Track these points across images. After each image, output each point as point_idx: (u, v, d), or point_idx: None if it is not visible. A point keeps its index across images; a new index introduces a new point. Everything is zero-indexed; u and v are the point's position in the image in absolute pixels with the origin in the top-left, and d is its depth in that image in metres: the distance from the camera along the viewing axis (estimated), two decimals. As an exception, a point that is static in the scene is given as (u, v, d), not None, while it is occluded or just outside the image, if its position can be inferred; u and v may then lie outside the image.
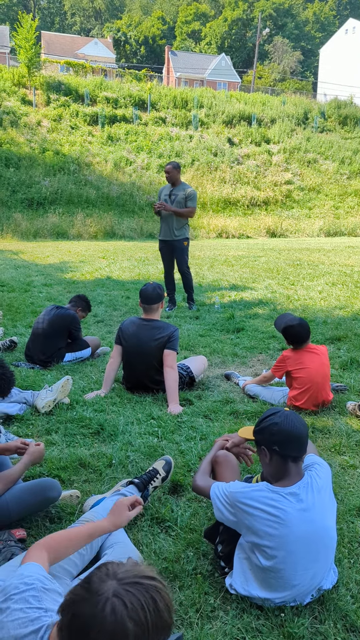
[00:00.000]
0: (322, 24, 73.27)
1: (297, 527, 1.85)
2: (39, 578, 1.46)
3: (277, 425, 1.95)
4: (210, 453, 2.40)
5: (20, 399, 3.67)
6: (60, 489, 2.40)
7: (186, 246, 6.93)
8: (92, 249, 14.99)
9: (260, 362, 4.87)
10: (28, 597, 1.36)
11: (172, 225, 6.74)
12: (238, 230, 21.84)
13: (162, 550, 2.22)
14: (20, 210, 19.61)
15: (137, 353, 3.97)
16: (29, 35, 25.79)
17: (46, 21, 76.13)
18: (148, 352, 3.94)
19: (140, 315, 4.21)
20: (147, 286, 4.08)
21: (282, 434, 1.93)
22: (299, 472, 1.96)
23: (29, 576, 1.43)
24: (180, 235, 6.83)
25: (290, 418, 1.96)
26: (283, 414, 1.98)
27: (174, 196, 6.65)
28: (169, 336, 3.95)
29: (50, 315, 4.68)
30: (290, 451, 1.93)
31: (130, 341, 3.99)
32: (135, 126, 26.80)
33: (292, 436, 1.93)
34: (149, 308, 4.07)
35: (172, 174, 6.61)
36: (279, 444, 1.94)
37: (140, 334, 3.98)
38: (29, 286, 8.53)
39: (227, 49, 65.74)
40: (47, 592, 1.41)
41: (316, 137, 29.73)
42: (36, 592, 1.38)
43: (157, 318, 4.10)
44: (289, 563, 1.85)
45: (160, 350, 3.93)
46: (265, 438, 1.98)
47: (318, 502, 1.90)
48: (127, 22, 68.62)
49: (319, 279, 9.34)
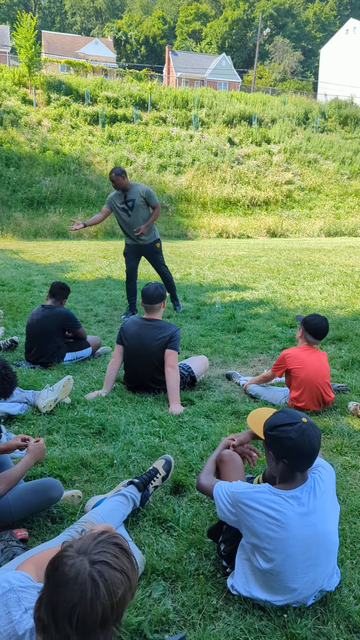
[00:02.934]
0: (323, 24, 73.22)
1: (297, 531, 1.84)
2: (16, 577, 1.46)
3: (292, 442, 1.85)
4: (215, 452, 2.39)
5: (22, 398, 3.66)
6: (62, 489, 2.39)
7: (159, 248, 6.58)
8: (93, 248, 14.98)
9: (261, 362, 4.86)
10: (7, 600, 1.37)
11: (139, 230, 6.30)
12: (238, 230, 21.84)
13: (164, 550, 2.21)
14: (21, 210, 19.60)
15: (139, 353, 3.96)
16: (29, 35, 25.76)
17: (47, 21, 76.09)
18: (150, 351, 3.94)
19: (142, 315, 4.20)
20: (149, 286, 4.07)
21: (294, 451, 1.85)
22: (303, 477, 1.93)
23: (5, 580, 1.44)
24: (151, 238, 6.46)
25: (307, 434, 1.86)
26: (300, 429, 1.86)
27: (130, 202, 6.16)
28: (171, 336, 3.95)
29: (39, 316, 4.59)
30: (299, 466, 1.88)
31: (132, 341, 3.98)
32: (135, 126, 26.79)
33: (305, 454, 1.86)
34: (150, 308, 4.07)
35: (117, 182, 6.04)
36: (289, 458, 1.87)
37: (142, 333, 3.97)
38: (29, 286, 8.52)
39: (228, 49, 65.73)
40: (25, 589, 1.42)
41: (317, 137, 29.72)
42: (14, 593, 1.39)
43: (158, 318, 4.10)
44: (288, 566, 1.84)
45: (162, 350, 3.92)
46: (277, 448, 1.90)
47: (320, 506, 1.89)
48: (128, 22, 68.59)
49: (319, 279, 9.33)
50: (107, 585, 1.12)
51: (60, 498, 2.40)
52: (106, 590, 1.12)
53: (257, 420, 2.29)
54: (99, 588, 1.11)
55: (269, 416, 2.02)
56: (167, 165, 24.93)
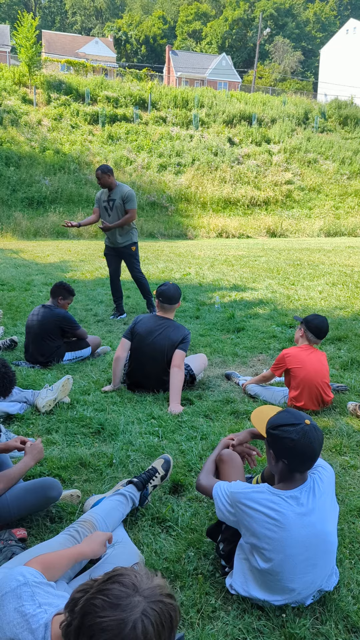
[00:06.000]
0: (323, 24, 73.21)
1: (296, 531, 1.83)
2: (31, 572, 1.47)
3: (293, 442, 1.84)
4: (215, 451, 2.39)
5: (21, 398, 3.66)
6: (61, 489, 2.39)
7: (135, 251, 6.52)
8: (92, 248, 14.97)
9: (260, 362, 4.86)
10: (21, 593, 1.37)
11: (115, 231, 6.33)
12: (238, 230, 21.83)
13: (163, 550, 2.21)
14: (21, 209, 19.60)
15: (149, 349, 3.98)
16: (29, 34, 25.77)
17: (47, 20, 76.05)
18: (160, 349, 3.96)
19: (154, 312, 4.21)
20: (168, 286, 4.08)
21: (295, 451, 1.84)
22: (302, 477, 1.92)
23: (20, 573, 1.44)
24: (126, 240, 6.41)
25: (309, 436, 1.84)
26: (302, 430, 1.84)
27: (111, 201, 6.20)
28: (183, 337, 3.99)
29: (39, 316, 4.60)
30: (299, 467, 1.87)
31: (144, 338, 4.00)
32: (135, 125, 26.78)
33: (305, 456, 1.84)
34: (168, 307, 4.09)
35: (102, 180, 6.11)
36: (289, 459, 1.86)
37: (155, 331, 4.00)
38: (29, 285, 8.52)
39: (228, 49, 65.71)
40: (39, 585, 1.42)
41: (316, 137, 29.72)
42: (28, 587, 1.39)
43: (171, 317, 4.13)
44: (286, 567, 1.84)
45: (172, 349, 3.95)
46: (277, 447, 1.89)
47: (319, 506, 1.88)
48: (128, 22, 68.58)
49: (319, 279, 9.33)
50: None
51: (59, 497, 2.40)
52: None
53: (261, 418, 2.27)
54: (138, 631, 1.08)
55: (273, 415, 2.02)
56: (167, 165, 24.92)
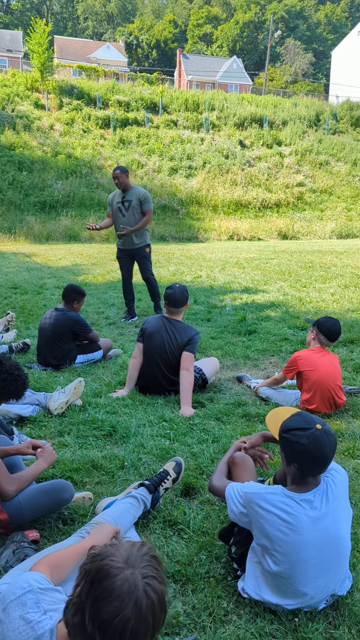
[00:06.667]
0: (334, 25, 72.93)
1: (309, 535, 1.82)
2: (36, 578, 1.47)
3: (303, 447, 1.82)
4: (227, 454, 2.39)
5: (33, 400, 3.69)
6: (73, 491, 2.41)
7: (148, 253, 6.63)
8: (104, 251, 15.04)
9: (272, 365, 4.84)
10: (26, 601, 1.37)
11: (133, 233, 6.41)
12: (249, 232, 21.80)
13: (175, 553, 2.21)
14: (33, 213, 19.76)
15: (157, 351, 3.99)
16: (42, 40, 26.02)
17: (59, 26, 76.73)
18: (168, 350, 3.97)
19: (163, 314, 4.21)
20: (174, 289, 4.05)
21: (305, 456, 1.83)
22: (315, 481, 1.90)
23: (24, 580, 1.45)
24: (141, 242, 6.53)
25: (319, 440, 1.81)
26: (312, 435, 1.82)
27: (127, 202, 6.30)
28: (190, 338, 3.98)
29: (51, 319, 4.63)
30: (310, 472, 1.86)
31: (152, 338, 4.02)
32: (146, 129, 26.88)
33: (316, 460, 1.83)
34: (175, 310, 4.09)
35: (121, 179, 6.22)
36: (299, 463, 1.85)
37: (163, 332, 4.01)
38: (41, 288, 8.58)
39: (239, 52, 65.76)
40: (44, 592, 1.42)
41: (328, 139, 29.59)
42: (33, 594, 1.39)
43: (180, 319, 4.13)
44: (298, 570, 1.83)
45: (180, 350, 3.95)
46: (288, 451, 1.88)
47: (332, 510, 1.87)
48: (139, 26, 68.92)
49: (331, 281, 9.28)
50: (160, 600, 1.17)
51: (71, 500, 2.41)
52: (159, 604, 1.17)
53: (276, 420, 2.25)
54: (154, 603, 1.15)
55: (287, 417, 2.01)
56: (178, 168, 24.97)
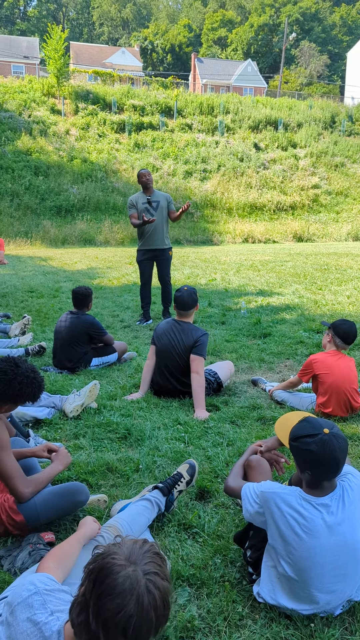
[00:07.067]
0: (350, 27, 72.47)
1: (325, 539, 1.81)
2: (42, 579, 1.48)
3: (312, 454, 1.80)
4: (243, 457, 2.38)
5: (49, 403, 3.72)
6: (88, 493, 2.42)
7: (171, 256, 6.81)
8: (119, 255, 15.11)
9: (287, 368, 4.81)
10: (32, 602, 1.38)
11: (163, 233, 6.56)
12: (264, 235, 21.73)
13: (190, 556, 2.20)
14: (49, 218, 19.96)
15: (167, 353, 4.00)
16: (58, 46, 26.34)
17: (75, 32, 77.52)
18: (177, 353, 3.97)
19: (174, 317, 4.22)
20: (182, 292, 4.05)
21: (316, 463, 1.81)
22: (331, 485, 1.89)
23: (30, 582, 1.45)
24: (168, 244, 6.71)
25: (328, 445, 1.79)
26: (321, 441, 1.80)
27: (155, 203, 6.48)
28: (196, 340, 3.95)
29: (67, 323, 4.67)
30: (324, 477, 1.84)
31: (162, 341, 4.03)
32: (161, 133, 27.00)
33: (328, 466, 1.81)
34: (184, 313, 4.09)
35: (148, 179, 6.44)
36: (312, 470, 1.83)
37: (171, 334, 4.02)
38: (57, 292, 8.65)
39: (254, 55, 65.68)
40: (50, 592, 1.43)
41: (344, 141, 29.40)
42: (39, 595, 1.40)
43: (190, 321, 4.12)
44: (314, 575, 1.81)
45: (187, 352, 3.94)
46: (299, 460, 1.87)
47: (349, 515, 1.85)
48: (154, 31, 69.27)
49: (347, 283, 9.20)
50: (162, 596, 1.18)
51: (86, 502, 2.42)
52: (161, 601, 1.18)
53: (285, 426, 2.24)
54: (156, 599, 1.17)
55: (295, 424, 1.99)
56: (193, 172, 25.01)
